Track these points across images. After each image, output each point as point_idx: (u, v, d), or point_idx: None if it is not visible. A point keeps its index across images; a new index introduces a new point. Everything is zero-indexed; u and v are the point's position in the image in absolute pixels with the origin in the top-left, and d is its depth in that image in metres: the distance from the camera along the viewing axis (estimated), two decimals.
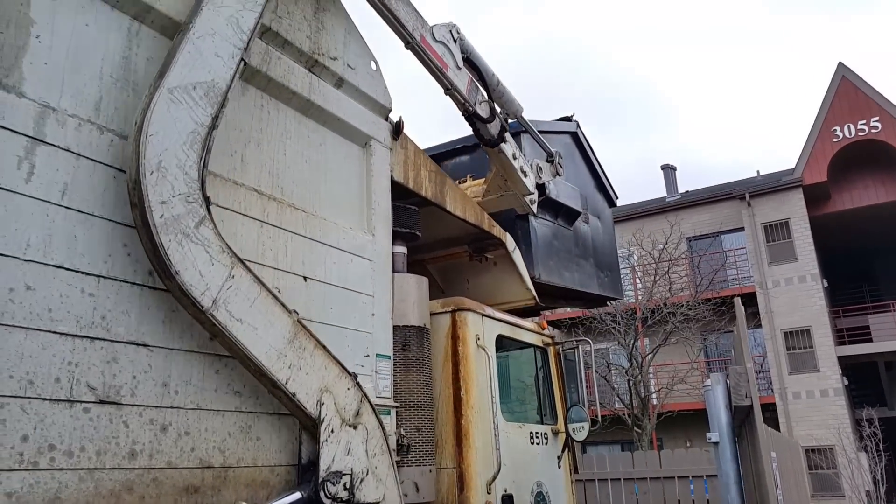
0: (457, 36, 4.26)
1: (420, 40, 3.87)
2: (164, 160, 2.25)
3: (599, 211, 7.07)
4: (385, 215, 3.69)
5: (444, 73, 4.08)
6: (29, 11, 2.13)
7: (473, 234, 4.80)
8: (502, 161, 4.82)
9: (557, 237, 5.99)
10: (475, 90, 4.42)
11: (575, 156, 6.72)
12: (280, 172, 3.07)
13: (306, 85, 3.24)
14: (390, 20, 3.69)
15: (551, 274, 5.70)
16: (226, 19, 2.59)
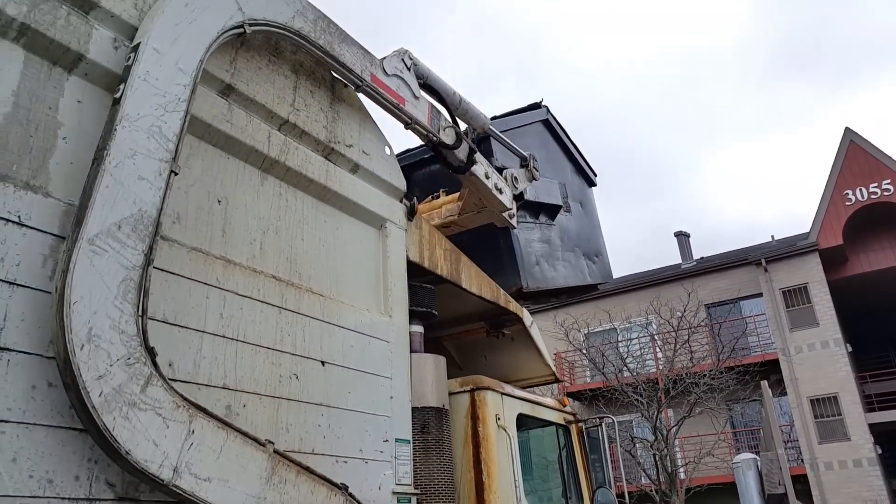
0: (410, 63, 3.97)
1: (371, 80, 3.54)
2: (94, 327, 1.96)
3: (580, 195, 6.93)
4: (401, 296, 3.71)
5: (402, 109, 3.78)
6: (56, 115, 2.22)
7: (489, 310, 4.80)
8: (475, 183, 4.59)
9: (541, 238, 5.85)
10: (437, 116, 4.16)
11: (549, 143, 6.62)
12: (298, 258, 3.11)
13: (323, 172, 3.32)
14: (336, 67, 3.36)
15: (538, 279, 5.60)
16: (146, 132, 2.24)
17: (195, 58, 2.47)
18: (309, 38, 3.09)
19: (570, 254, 6.38)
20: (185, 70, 2.41)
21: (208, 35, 2.55)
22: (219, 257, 2.67)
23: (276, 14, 2.92)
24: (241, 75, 2.90)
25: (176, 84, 2.37)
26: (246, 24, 2.71)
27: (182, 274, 2.48)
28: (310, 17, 3.13)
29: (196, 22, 2.51)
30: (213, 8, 2.60)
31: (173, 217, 2.53)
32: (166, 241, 2.45)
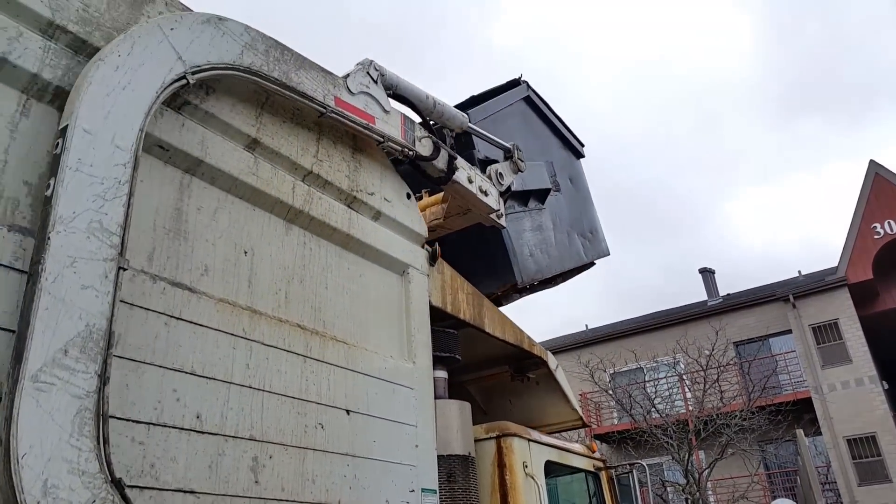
0: (376, 74, 3.66)
1: (336, 104, 3.25)
2: (50, 477, 1.73)
3: (569, 169, 6.63)
4: (425, 341, 3.71)
5: (373, 129, 3.49)
6: None
7: (513, 353, 4.77)
8: (458, 190, 4.33)
9: (532, 226, 5.60)
10: (411, 128, 3.85)
11: (532, 120, 6.27)
12: (322, 306, 3.14)
13: (346, 220, 3.37)
14: (295, 98, 3.05)
15: (532, 272, 5.30)
16: (85, 232, 1.98)
17: (134, 128, 2.20)
18: (261, 72, 2.81)
19: (564, 236, 6.14)
20: (123, 146, 2.14)
21: (146, 98, 2.28)
22: (245, 308, 2.71)
23: (221, 54, 2.65)
24: (266, 129, 2.98)
25: (115, 165, 2.10)
26: (188, 73, 2.46)
27: (210, 325, 2.51)
28: (260, 49, 2.85)
29: (130, 86, 2.24)
30: (148, 64, 2.33)
31: (201, 269, 2.58)
32: (195, 293, 2.49)
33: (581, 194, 6.77)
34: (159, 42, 2.40)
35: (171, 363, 2.31)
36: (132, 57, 2.28)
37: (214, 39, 2.63)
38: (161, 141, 2.50)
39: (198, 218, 2.63)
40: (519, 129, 5.78)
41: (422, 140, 3.91)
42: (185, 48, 2.49)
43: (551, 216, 5.94)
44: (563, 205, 6.23)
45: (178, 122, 2.58)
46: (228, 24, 2.72)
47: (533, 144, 5.99)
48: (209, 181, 2.72)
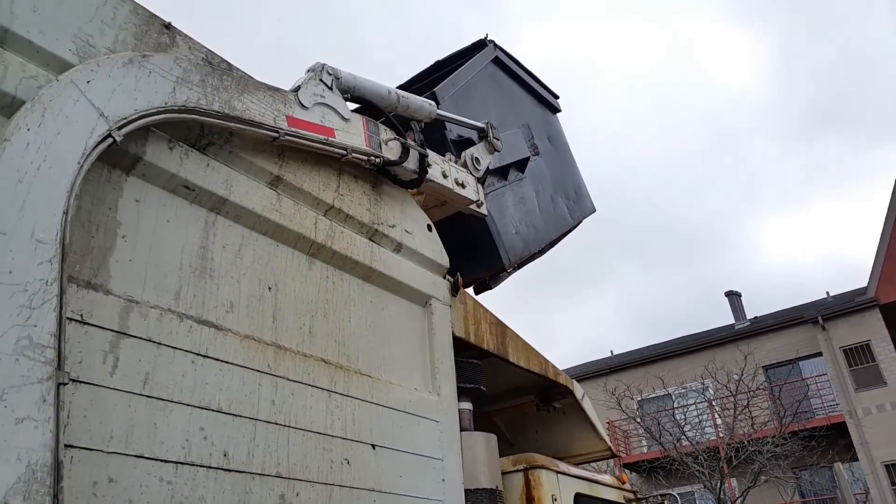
0: (330, 79, 3.32)
1: (289, 125, 2.94)
2: None
3: (546, 128, 6.24)
4: (449, 373, 3.69)
5: (333, 142, 3.18)
6: (116, 215, 2.33)
7: (538, 383, 4.73)
8: (433, 188, 4.05)
9: (514, 200, 5.30)
10: (375, 132, 3.54)
11: (503, 83, 5.87)
12: (346, 340, 3.14)
13: (368, 254, 3.39)
14: (241, 129, 2.74)
15: (519, 250, 5.06)
16: (11, 356, 1.73)
17: (57, 213, 1.92)
18: (199, 108, 2.51)
19: (548, 202, 5.80)
20: (45, 239, 1.87)
21: (67, 173, 1.98)
22: (270, 343, 2.72)
23: (150, 97, 2.34)
24: (288, 166, 3.02)
25: (38, 265, 1.83)
26: (113, 131, 2.15)
27: (236, 362, 2.52)
28: (195, 81, 2.53)
29: (46, 163, 1.95)
30: (65, 132, 2.03)
31: (227, 306, 2.61)
32: (221, 331, 2.51)
33: (561, 153, 6.40)
34: (75, 101, 2.09)
35: (199, 401, 2.33)
36: (44, 128, 1.97)
37: (140, 82, 2.32)
38: (187, 181, 2.55)
39: (223, 255, 2.66)
40: (491, 94, 5.47)
41: (388, 143, 3.61)
42: (107, 101, 2.19)
43: (533, 184, 5.62)
44: (543, 168, 5.89)
45: (202, 162, 2.63)
46: (155, 59, 2.42)
47: (507, 108, 5.69)
48: (233, 219, 2.75)
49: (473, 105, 4.99)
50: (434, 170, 3.97)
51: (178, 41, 2.73)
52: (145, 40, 2.58)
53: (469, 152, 4.47)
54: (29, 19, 2.21)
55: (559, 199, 6.03)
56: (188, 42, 2.78)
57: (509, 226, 5.08)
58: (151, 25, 2.63)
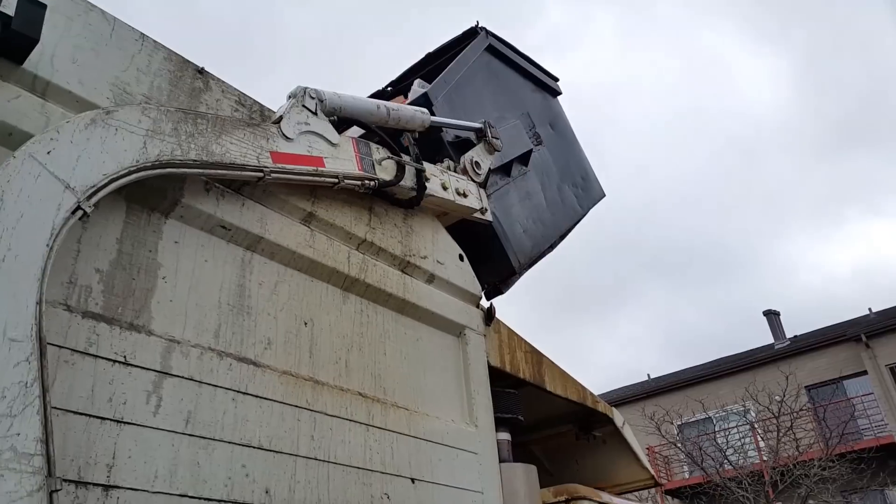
0: (314, 103, 3.13)
1: (273, 161, 2.74)
2: None
3: (547, 115, 5.87)
4: (486, 404, 3.67)
5: (323, 172, 3.00)
6: (156, 256, 2.39)
7: (577, 411, 4.67)
8: (434, 202, 3.84)
9: (519, 196, 5.01)
10: (367, 152, 3.35)
11: (499, 71, 5.49)
12: (382, 373, 3.15)
13: (401, 286, 3.40)
14: (222, 174, 2.58)
15: (529, 249, 4.79)
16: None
17: (29, 306, 1.79)
18: (175, 160, 2.32)
19: (555, 193, 5.48)
20: (19, 336, 1.75)
21: (35, 258, 1.85)
22: (307, 379, 2.74)
23: (119, 158, 2.16)
24: (320, 202, 3.06)
25: (14, 367, 1.71)
26: (82, 202, 2.00)
27: (274, 399, 2.54)
28: (167, 130, 2.35)
29: (11, 252, 1.81)
30: (28, 213, 1.88)
31: (265, 343, 2.64)
32: (259, 367, 2.54)
33: (565, 139, 6.04)
34: (36, 177, 1.94)
35: (240, 438, 2.35)
36: (5, 214, 1.83)
37: (107, 142, 2.15)
38: (223, 221, 2.60)
39: (259, 292, 2.70)
40: (487, 85, 5.17)
41: (382, 163, 3.41)
42: (72, 170, 2.02)
43: (538, 177, 5.33)
44: (548, 158, 5.57)
45: (238, 202, 2.68)
46: (120, 114, 2.25)
47: (505, 98, 5.36)
48: (269, 256, 2.80)
49: (468, 100, 4.72)
50: (433, 182, 3.77)
51: (211, 85, 2.81)
52: (180, 85, 2.66)
53: (468, 157, 4.23)
54: (69, 71, 2.30)
55: (566, 188, 5.73)
56: (221, 85, 2.86)
57: (516, 225, 4.83)
58: (185, 71, 2.72)
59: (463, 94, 4.69)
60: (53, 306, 2.02)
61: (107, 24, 2.50)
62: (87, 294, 2.16)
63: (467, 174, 4.14)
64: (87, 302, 2.14)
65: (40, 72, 2.21)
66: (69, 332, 2.03)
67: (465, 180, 4.09)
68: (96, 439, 1.98)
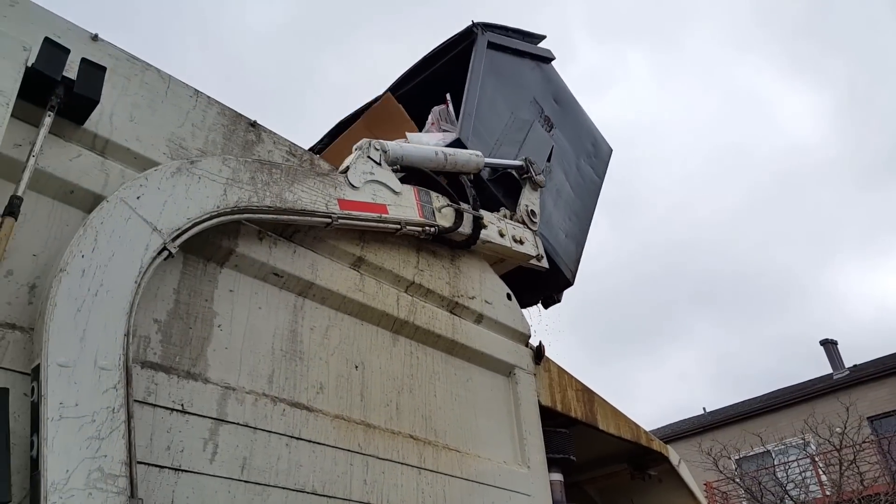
0: (378, 154, 3.28)
1: (341, 208, 2.88)
2: None
3: (549, 89, 5.65)
4: (538, 444, 3.61)
5: (387, 219, 3.12)
6: (212, 305, 2.44)
7: (631, 450, 4.57)
8: (491, 248, 3.88)
9: (553, 200, 4.92)
10: (427, 200, 3.47)
11: (501, 64, 5.22)
12: (433, 415, 3.14)
13: (450, 326, 3.40)
14: (294, 220, 2.71)
15: (573, 252, 4.77)
16: (83, 491, 1.70)
17: (118, 337, 1.91)
18: (251, 207, 2.47)
19: (576, 173, 5.37)
20: (108, 365, 1.86)
21: (125, 294, 1.98)
22: (359, 422, 2.75)
23: (202, 203, 2.31)
24: (369, 247, 3.10)
25: (104, 393, 1.82)
26: (168, 244, 2.14)
27: (327, 443, 2.56)
28: (245, 179, 2.51)
29: (103, 288, 1.94)
30: (119, 252, 2.02)
31: (317, 387, 2.66)
32: (312, 412, 2.56)
33: (569, 109, 5.86)
34: (127, 219, 2.09)
35: (294, 483, 2.36)
36: (98, 252, 1.97)
37: (191, 189, 2.30)
38: (276, 269, 2.65)
39: (311, 337, 2.73)
40: (497, 89, 4.98)
41: (442, 210, 3.52)
42: (159, 214, 2.17)
43: (560, 166, 5.23)
44: (562, 140, 5.43)
45: (290, 249, 2.74)
46: (203, 164, 2.40)
47: (512, 91, 5.17)
48: (320, 301, 2.83)
49: (486, 115, 4.69)
50: (490, 230, 3.86)
51: (263, 137, 2.89)
52: (233, 139, 2.75)
53: (523, 206, 4.33)
54: (127, 129, 2.40)
55: (583, 163, 5.65)
56: (272, 137, 2.94)
57: (559, 233, 4.85)
58: (238, 124, 2.80)
59: (483, 115, 4.68)
60: None
61: (162, 83, 2.60)
62: (147, 344, 2.22)
63: (524, 224, 4.22)
64: (146, 352, 2.20)
65: (100, 131, 2.30)
66: None
67: (522, 227, 4.17)
68: (155, 488, 2.02)
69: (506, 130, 4.77)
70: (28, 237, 2.02)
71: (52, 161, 2.13)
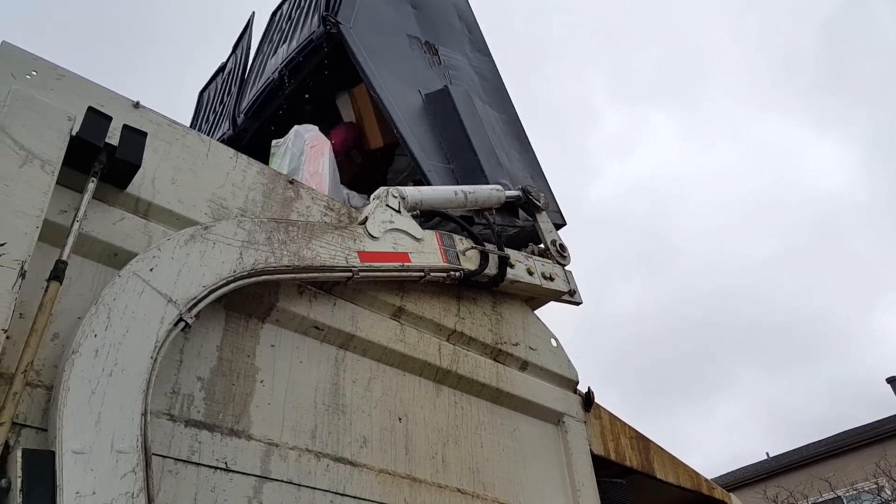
0: (397, 202, 3.20)
1: (361, 260, 2.80)
2: None
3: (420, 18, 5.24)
4: (592, 496, 3.48)
5: (409, 267, 3.05)
6: (254, 361, 2.45)
7: (691, 499, 4.37)
8: (520, 287, 3.77)
9: (501, 146, 4.75)
10: (450, 244, 3.38)
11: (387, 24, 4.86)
12: (480, 467, 3.06)
13: (494, 375, 3.34)
14: (313, 277, 2.64)
15: (546, 188, 4.61)
16: None
17: (135, 417, 1.84)
18: (269, 268, 2.40)
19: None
20: (126, 447, 1.79)
21: (141, 371, 1.92)
22: (405, 476, 2.69)
23: (218, 269, 2.25)
24: (409, 296, 3.09)
25: (122, 478, 1.75)
26: (183, 314, 2.08)
27: (373, 499, 2.50)
28: (261, 240, 2.44)
29: (118, 366, 1.88)
30: (133, 328, 1.96)
31: (360, 441, 2.62)
32: (356, 467, 2.51)
33: (483, 63, 5.57)
34: (140, 293, 2.03)
35: None
36: (111, 330, 1.91)
37: (205, 256, 2.24)
38: (316, 322, 2.65)
39: (353, 390, 2.71)
40: (395, 68, 4.66)
41: (466, 253, 3.43)
42: (174, 284, 2.11)
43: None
44: (490, 115, 5.12)
45: (329, 302, 2.74)
46: (217, 228, 2.35)
47: (399, 65, 4.77)
48: (361, 353, 2.82)
49: (404, 109, 4.37)
50: (518, 269, 3.75)
51: (301, 193, 2.94)
52: (273, 196, 2.79)
53: (550, 241, 4.20)
54: (169, 191, 2.46)
55: (513, 143, 5.28)
56: (311, 193, 2.99)
57: (525, 179, 4.72)
58: (277, 182, 2.85)
59: (403, 111, 4.40)
60: (157, 416, 2.08)
61: (203, 145, 2.68)
62: (190, 402, 2.22)
63: (552, 259, 4.11)
64: (189, 410, 2.20)
65: (143, 194, 2.36)
66: (172, 441, 2.08)
67: (551, 263, 4.06)
68: None
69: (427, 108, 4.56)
70: (73, 300, 2.07)
71: (97, 225, 2.19)
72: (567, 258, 4.19)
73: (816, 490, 19.74)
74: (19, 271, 1.80)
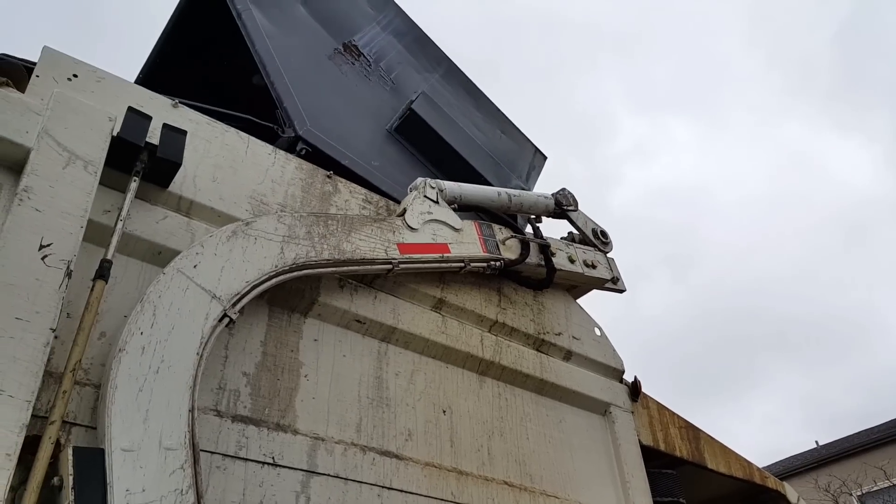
0: (435, 193, 3.19)
1: (401, 252, 2.79)
2: None
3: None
4: (642, 487, 3.41)
5: (449, 258, 3.03)
6: (298, 356, 2.45)
7: (744, 489, 4.27)
8: (562, 276, 3.69)
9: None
10: (490, 234, 3.34)
11: None
12: (526, 459, 3.02)
13: (537, 365, 3.30)
14: (353, 271, 2.63)
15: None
16: None
17: (182, 413, 1.85)
18: (310, 262, 2.40)
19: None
20: (174, 444, 1.80)
21: (187, 367, 1.92)
22: (451, 469, 2.67)
23: (260, 265, 2.25)
24: (449, 287, 3.06)
25: (171, 475, 1.75)
26: (228, 310, 2.08)
27: (419, 492, 2.49)
28: (301, 234, 2.45)
29: (164, 363, 1.89)
30: (179, 325, 1.97)
31: (405, 434, 2.60)
32: (402, 460, 2.50)
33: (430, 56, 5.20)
34: (185, 290, 2.04)
35: None
36: (157, 327, 1.93)
37: (248, 252, 2.25)
38: (358, 316, 2.64)
39: (397, 383, 2.69)
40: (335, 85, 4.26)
41: (506, 242, 3.39)
42: (217, 281, 2.12)
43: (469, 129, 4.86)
44: (445, 95, 4.94)
45: (370, 295, 2.73)
46: (258, 223, 2.36)
47: (357, 88, 4.39)
48: (403, 346, 2.80)
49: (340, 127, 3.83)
50: (559, 257, 3.69)
51: (339, 187, 2.93)
52: (311, 191, 2.79)
53: (590, 229, 4.09)
54: (210, 189, 2.47)
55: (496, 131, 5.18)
56: (349, 187, 2.98)
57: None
58: (315, 177, 2.85)
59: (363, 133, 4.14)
60: (205, 413, 2.09)
61: (242, 142, 2.68)
62: (236, 398, 2.23)
63: (594, 246, 4.03)
64: (235, 406, 2.21)
65: (184, 192, 2.38)
66: (220, 437, 2.09)
67: (592, 251, 3.98)
68: None
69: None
70: (119, 299, 2.09)
71: (140, 224, 2.21)
72: (609, 244, 4.10)
73: (871, 479, 19.21)
74: (66, 271, 1.82)
